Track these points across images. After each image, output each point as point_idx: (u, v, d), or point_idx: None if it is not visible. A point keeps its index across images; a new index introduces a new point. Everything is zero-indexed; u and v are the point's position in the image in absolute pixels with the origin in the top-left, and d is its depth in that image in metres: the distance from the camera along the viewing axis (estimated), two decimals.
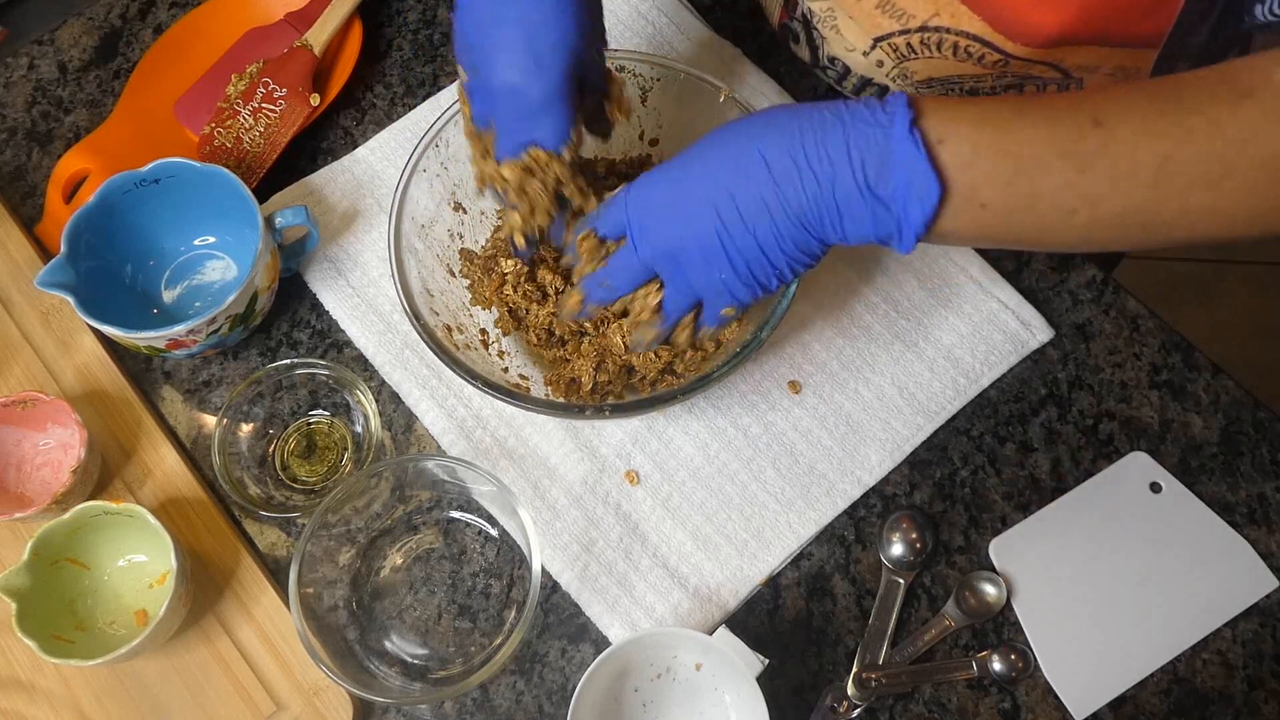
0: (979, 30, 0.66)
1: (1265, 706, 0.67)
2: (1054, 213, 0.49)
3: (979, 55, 0.68)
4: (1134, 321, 0.77)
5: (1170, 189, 0.48)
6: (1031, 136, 0.49)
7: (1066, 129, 0.48)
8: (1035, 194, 0.49)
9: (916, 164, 0.48)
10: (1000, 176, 0.49)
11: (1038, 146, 0.48)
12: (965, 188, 0.49)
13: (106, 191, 0.74)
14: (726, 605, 0.70)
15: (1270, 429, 0.74)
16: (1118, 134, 0.48)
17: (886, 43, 0.71)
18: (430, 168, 0.71)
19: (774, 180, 0.51)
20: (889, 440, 0.74)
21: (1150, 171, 0.47)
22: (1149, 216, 0.49)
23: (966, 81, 0.72)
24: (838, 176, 0.50)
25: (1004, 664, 0.67)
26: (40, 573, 0.66)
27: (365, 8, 0.89)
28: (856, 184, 0.50)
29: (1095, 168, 0.48)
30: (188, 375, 0.79)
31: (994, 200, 0.49)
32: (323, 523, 0.66)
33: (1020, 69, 0.68)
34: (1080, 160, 0.48)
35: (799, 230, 0.52)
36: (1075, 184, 0.48)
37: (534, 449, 0.74)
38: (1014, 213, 0.50)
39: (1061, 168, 0.48)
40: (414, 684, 0.68)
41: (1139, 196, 0.48)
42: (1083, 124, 0.48)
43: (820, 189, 0.50)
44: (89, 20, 0.92)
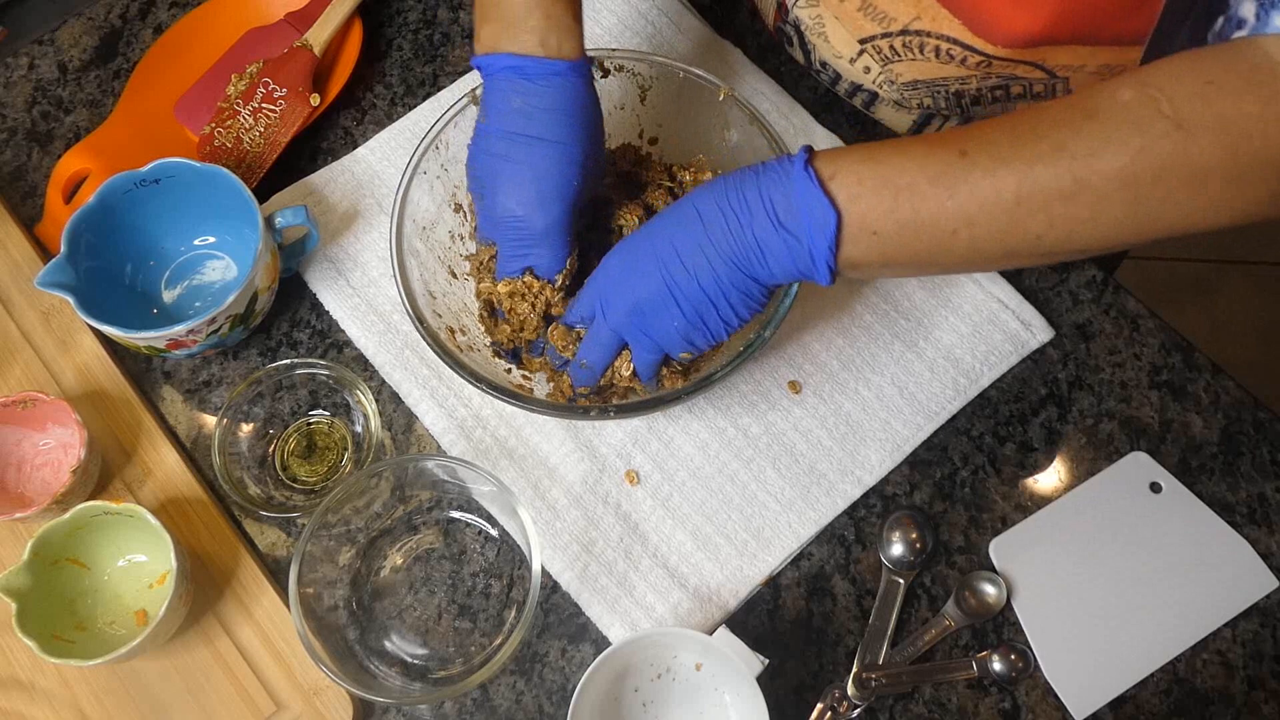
0: (957, 33, 0.67)
1: (1265, 706, 0.67)
2: (938, 234, 0.54)
3: (961, 57, 0.68)
4: (1134, 321, 0.77)
5: (1031, 205, 0.52)
6: (906, 166, 0.54)
7: (937, 159, 0.54)
8: (917, 218, 0.54)
9: (813, 196, 0.55)
10: (883, 204, 0.54)
11: (912, 175, 0.54)
12: (856, 216, 0.55)
13: (106, 191, 0.74)
14: (726, 605, 0.70)
15: (1270, 429, 0.74)
16: (978, 161, 0.53)
17: (871, 45, 0.72)
18: (431, 170, 0.71)
19: (704, 227, 0.58)
20: (889, 440, 0.74)
21: (1011, 191, 0.52)
22: (1022, 230, 0.54)
23: (952, 83, 0.72)
24: (754, 216, 0.56)
25: (1004, 664, 0.67)
26: (40, 573, 0.66)
27: (365, 8, 0.89)
28: (770, 220, 0.56)
29: (962, 191, 0.53)
30: (188, 375, 0.79)
31: (883, 227, 0.55)
32: (323, 523, 0.66)
33: (1003, 69, 0.69)
34: (949, 185, 0.53)
35: (734, 271, 0.58)
36: (948, 207, 0.54)
37: (534, 449, 0.74)
38: (904, 236, 0.55)
39: (934, 193, 0.53)
40: (414, 684, 0.68)
41: (1006, 213, 0.53)
42: (950, 155, 0.53)
43: (742, 228, 0.57)
44: (89, 20, 0.92)
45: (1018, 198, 0.52)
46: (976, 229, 0.54)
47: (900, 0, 0.68)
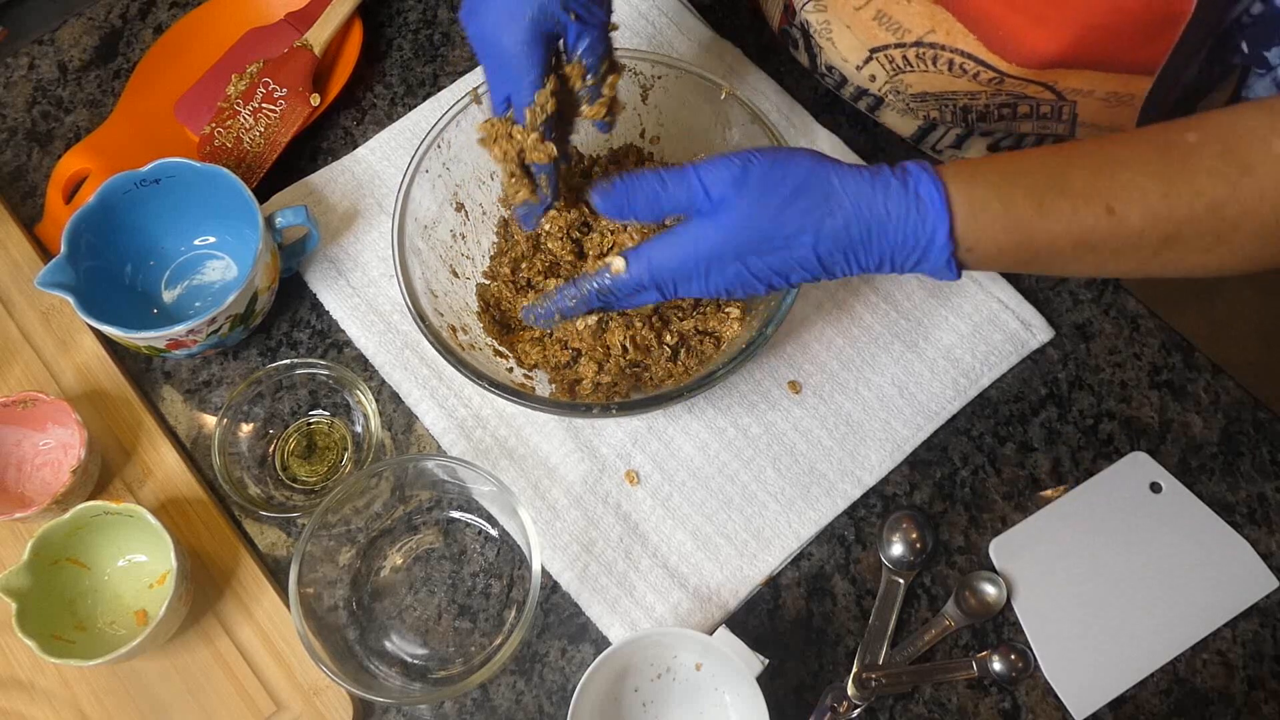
0: (974, 49, 0.67)
1: (1265, 706, 0.67)
2: (1062, 272, 0.58)
3: (974, 73, 0.68)
4: (1134, 321, 0.77)
5: (1169, 256, 0.54)
6: (1049, 231, 0.54)
7: (1082, 221, 0.53)
8: (1049, 266, 0.56)
9: (946, 273, 0.56)
10: (1017, 262, 0.56)
11: (1054, 240, 0.54)
12: (983, 266, 0.56)
13: (106, 191, 0.74)
14: (726, 605, 0.70)
15: (1270, 429, 0.74)
16: (1128, 221, 0.53)
17: (883, 54, 0.72)
18: (432, 168, 0.71)
19: (822, 268, 0.56)
20: (889, 440, 0.74)
21: (1153, 246, 0.53)
22: (1145, 271, 0.56)
23: (960, 98, 0.72)
24: (880, 270, 0.56)
25: (1004, 664, 0.67)
26: (40, 573, 0.66)
27: (365, 8, 0.89)
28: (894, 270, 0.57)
29: (1104, 248, 0.54)
30: (188, 375, 0.79)
31: (1007, 269, 0.58)
32: (323, 523, 0.66)
33: (1015, 88, 0.69)
34: (1093, 246, 0.54)
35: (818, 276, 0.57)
36: (1086, 260, 0.55)
37: (534, 449, 0.74)
38: (1025, 271, 0.58)
39: (1075, 252, 0.55)
40: (414, 684, 0.68)
41: (1140, 262, 0.55)
42: (1098, 213, 0.53)
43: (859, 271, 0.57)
44: (89, 20, 0.92)
45: (1158, 251, 0.54)
46: (1103, 270, 0.56)
47: (916, 13, 0.68)
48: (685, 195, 0.55)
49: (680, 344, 0.71)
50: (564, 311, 0.62)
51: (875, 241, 0.55)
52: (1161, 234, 0.53)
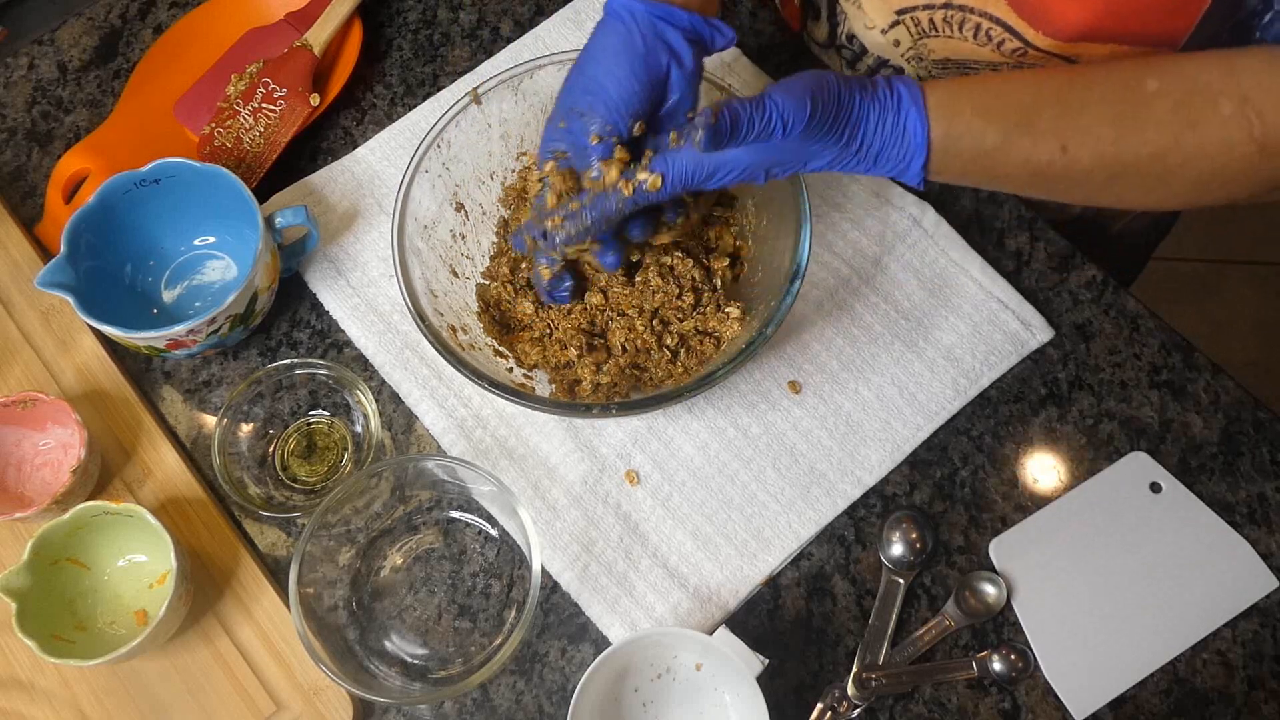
0: (1003, 14, 0.67)
1: (1265, 706, 0.67)
2: (1015, 193, 0.65)
3: (999, 40, 0.68)
4: (1134, 321, 0.77)
5: (1113, 191, 0.61)
6: (1011, 162, 0.60)
7: (1040, 157, 0.59)
8: (1002, 188, 0.64)
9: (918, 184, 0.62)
10: (976, 183, 0.63)
11: (1013, 170, 0.60)
12: (941, 174, 0.61)
13: (106, 191, 0.74)
14: (726, 605, 0.70)
15: (1270, 429, 0.74)
16: (1080, 160, 0.59)
17: (909, 16, 0.72)
18: (433, 169, 0.71)
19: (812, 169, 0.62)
20: (889, 440, 0.74)
21: (1100, 182, 0.60)
22: (1089, 200, 0.64)
23: (981, 68, 0.72)
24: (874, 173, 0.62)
25: (1004, 664, 0.67)
26: (40, 573, 0.66)
27: (365, 8, 0.89)
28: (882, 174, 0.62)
29: (1056, 181, 0.61)
30: (188, 375, 0.79)
31: (962, 180, 0.63)
32: (323, 523, 0.66)
33: (1037, 60, 0.68)
34: (1046, 176, 0.60)
35: None
36: (1036, 187, 0.62)
37: (534, 449, 0.74)
38: (976, 185, 0.64)
39: (1029, 181, 0.61)
40: (414, 684, 0.68)
41: (1087, 195, 0.62)
42: (1054, 151, 0.59)
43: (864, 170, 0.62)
44: (89, 20, 0.92)
45: (1101, 187, 0.61)
46: (1053, 196, 0.63)
47: None
48: (766, 130, 0.57)
49: (680, 344, 0.71)
50: (585, 232, 0.63)
51: (868, 160, 0.61)
52: (1108, 173, 0.59)
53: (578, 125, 0.64)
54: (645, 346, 0.71)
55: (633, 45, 0.63)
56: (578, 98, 0.64)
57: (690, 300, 0.71)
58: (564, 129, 0.64)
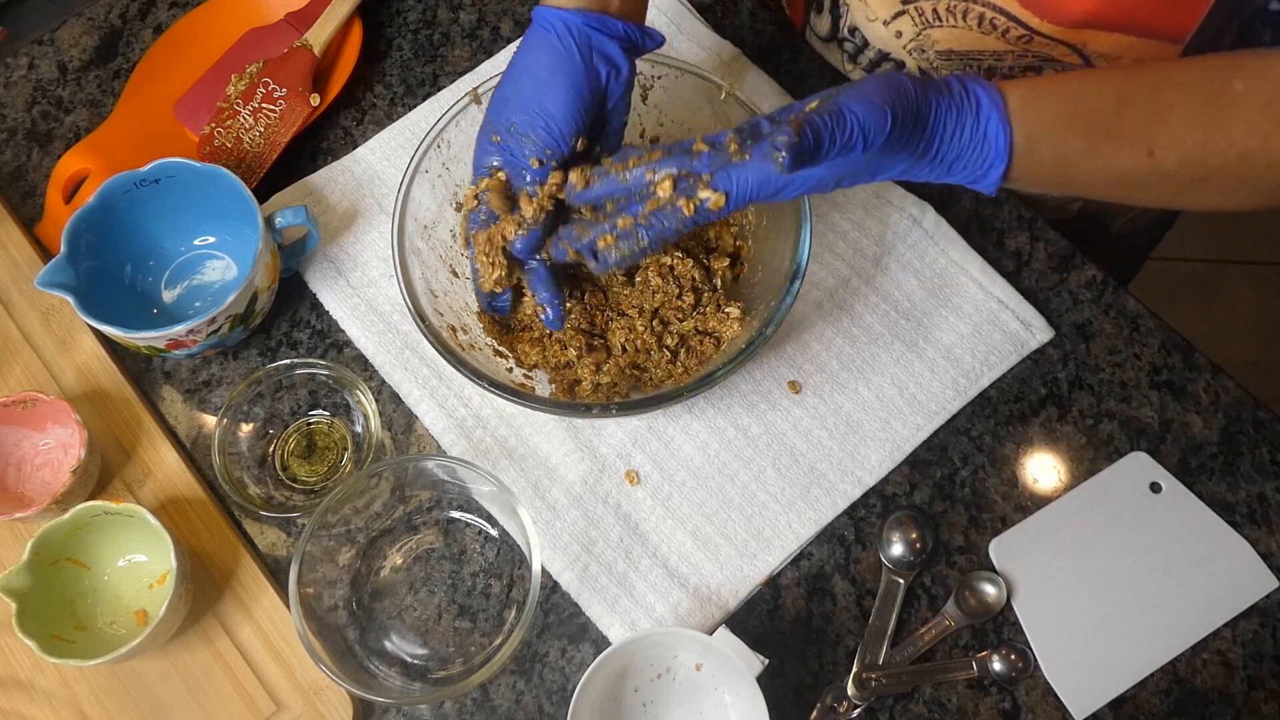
0: (1006, 3, 0.66)
1: (1265, 706, 0.67)
2: (1087, 196, 0.63)
3: (1004, 29, 0.68)
4: (1134, 321, 0.77)
5: (1193, 194, 0.59)
6: (1093, 168, 0.57)
7: (1125, 162, 0.57)
8: (1077, 191, 0.61)
9: (985, 191, 0.58)
10: (1052, 189, 0.60)
11: (1095, 175, 0.58)
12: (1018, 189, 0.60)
13: (106, 191, 0.74)
14: (726, 605, 0.70)
15: (1270, 429, 0.74)
16: (1165, 164, 0.57)
17: (913, 7, 0.71)
18: (433, 169, 0.71)
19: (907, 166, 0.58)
20: (889, 440, 0.74)
21: (1182, 185, 0.58)
22: (1166, 204, 0.63)
23: (986, 58, 0.72)
24: (947, 180, 0.59)
25: (1004, 664, 0.67)
26: (40, 573, 0.66)
27: (365, 8, 0.89)
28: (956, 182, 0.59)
29: (1138, 184, 0.59)
30: (188, 375, 0.79)
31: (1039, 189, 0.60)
32: (323, 523, 0.66)
33: (1042, 48, 0.68)
34: (1128, 182, 0.58)
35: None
36: (1114, 191, 0.60)
37: (534, 449, 0.74)
38: (1051, 192, 0.61)
39: (1108, 186, 0.59)
40: (414, 684, 0.68)
41: (1166, 198, 0.60)
42: (1140, 155, 0.57)
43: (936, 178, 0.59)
44: (89, 20, 0.92)
45: (1184, 188, 0.58)
46: (1131, 199, 0.62)
47: None
48: (847, 145, 0.54)
49: (680, 344, 0.71)
50: (642, 253, 0.59)
51: (942, 167, 0.58)
52: (1192, 176, 0.57)
53: (515, 144, 0.62)
54: (645, 346, 0.71)
55: (570, 61, 0.61)
56: (514, 114, 0.62)
57: (690, 300, 0.71)
58: (499, 144, 0.63)
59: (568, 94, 0.61)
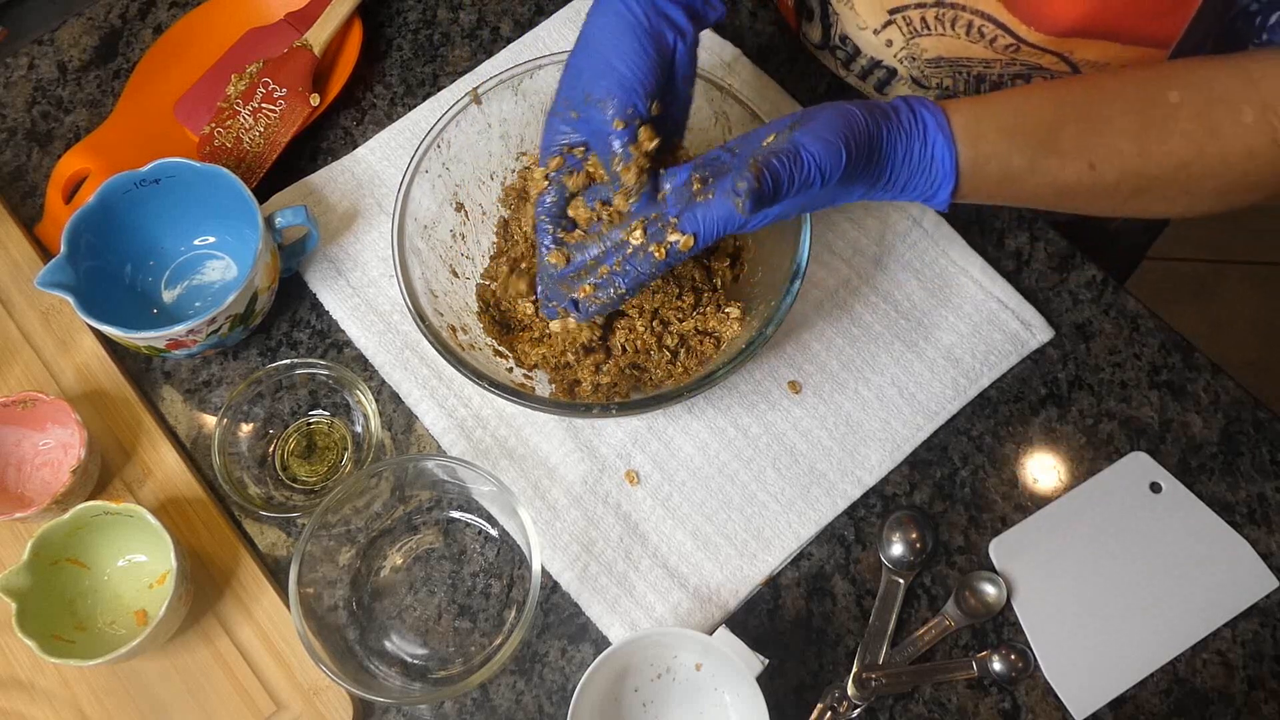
0: (994, 10, 0.67)
1: (1265, 706, 0.67)
2: (1037, 206, 0.64)
3: (992, 37, 0.68)
4: (1134, 321, 0.77)
5: (1136, 204, 0.61)
6: (1037, 184, 0.60)
7: (1067, 176, 0.59)
8: (1026, 202, 0.63)
9: (944, 195, 0.60)
10: (1001, 203, 0.63)
11: (1039, 190, 0.60)
12: (969, 194, 0.61)
13: (106, 191, 0.74)
14: (726, 605, 0.70)
15: (1270, 429, 0.74)
16: (1106, 176, 0.59)
17: (901, 15, 0.71)
18: (433, 169, 0.71)
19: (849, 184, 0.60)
20: (889, 440, 0.74)
21: (1125, 195, 0.60)
22: (1115, 213, 0.64)
23: (975, 65, 0.72)
24: (900, 200, 0.61)
25: (1004, 664, 0.67)
26: (40, 573, 0.66)
27: (365, 8, 0.89)
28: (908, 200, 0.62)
29: (1082, 197, 0.61)
30: (188, 375, 0.79)
31: (989, 199, 0.62)
32: (323, 523, 0.66)
33: (1030, 56, 0.68)
34: (1072, 194, 0.61)
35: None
36: (1062, 204, 0.62)
37: (534, 449, 0.74)
38: (1001, 204, 0.65)
39: (1055, 199, 0.61)
40: (414, 684, 0.68)
41: (1111, 207, 0.63)
42: (1081, 169, 0.59)
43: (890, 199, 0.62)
44: (89, 20, 0.92)
45: (1126, 200, 0.61)
46: (1078, 211, 0.63)
47: None
48: (804, 183, 0.56)
49: (680, 345, 0.71)
50: (620, 300, 0.63)
51: (896, 189, 0.60)
52: (1133, 186, 0.60)
53: (595, 113, 0.61)
54: (645, 347, 0.71)
55: (638, 24, 0.61)
56: (590, 84, 0.61)
57: (690, 300, 0.71)
58: (578, 119, 0.62)
59: (638, 55, 0.61)
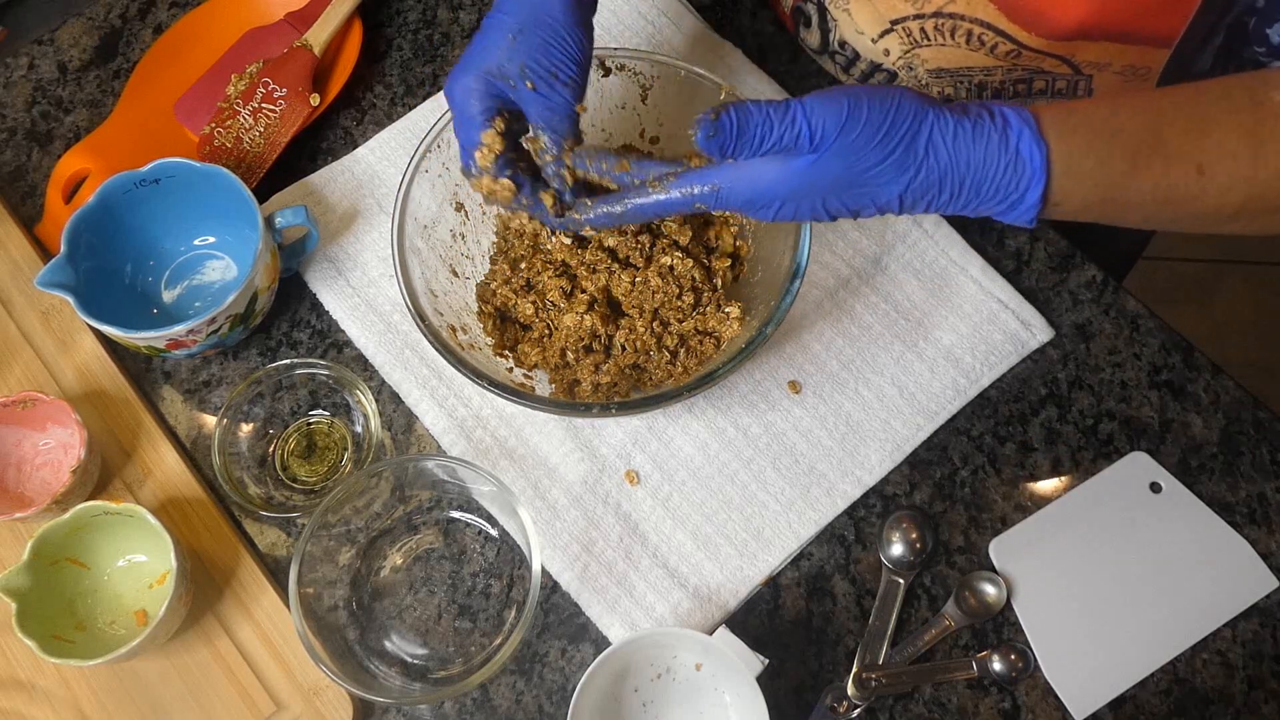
0: (993, 19, 0.66)
1: (1265, 706, 0.67)
2: (1132, 225, 0.57)
3: (992, 44, 0.68)
4: (1134, 321, 0.77)
5: (1246, 218, 0.55)
6: (1140, 189, 0.53)
7: (1173, 180, 0.53)
8: (1122, 219, 0.56)
9: (1023, 223, 0.54)
10: (1098, 216, 0.55)
11: (1143, 197, 0.54)
12: (1059, 213, 0.55)
13: (106, 191, 0.74)
14: (726, 605, 0.70)
15: (1270, 429, 0.74)
16: (1216, 180, 0.53)
17: (901, 26, 0.71)
18: (432, 168, 0.71)
19: (900, 208, 0.54)
20: (889, 440, 0.74)
21: (1234, 208, 0.54)
22: (1221, 229, 0.56)
23: (976, 74, 0.72)
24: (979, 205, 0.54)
25: (1004, 664, 0.67)
26: (40, 573, 0.66)
27: (365, 8, 0.89)
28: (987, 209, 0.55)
29: (1188, 206, 0.54)
30: (188, 375, 0.79)
31: (1082, 216, 0.56)
32: (323, 523, 0.66)
33: (1032, 61, 0.68)
34: (1178, 203, 0.54)
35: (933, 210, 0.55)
36: (1163, 215, 0.55)
37: (534, 449, 0.74)
38: (1096, 218, 0.56)
39: (1158, 209, 0.55)
40: (414, 684, 0.68)
41: (1219, 223, 0.56)
42: (1189, 173, 0.53)
43: (957, 208, 0.54)
44: (89, 20, 0.92)
45: (1236, 213, 0.54)
46: (1181, 226, 0.57)
47: None
48: (789, 137, 0.51)
49: (680, 345, 0.71)
50: (612, 220, 0.59)
51: (965, 193, 0.53)
52: (1244, 195, 0.53)
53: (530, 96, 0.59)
54: (645, 347, 0.71)
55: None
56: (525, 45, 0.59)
57: (690, 300, 0.71)
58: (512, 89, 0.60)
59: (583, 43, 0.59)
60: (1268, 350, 1.76)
